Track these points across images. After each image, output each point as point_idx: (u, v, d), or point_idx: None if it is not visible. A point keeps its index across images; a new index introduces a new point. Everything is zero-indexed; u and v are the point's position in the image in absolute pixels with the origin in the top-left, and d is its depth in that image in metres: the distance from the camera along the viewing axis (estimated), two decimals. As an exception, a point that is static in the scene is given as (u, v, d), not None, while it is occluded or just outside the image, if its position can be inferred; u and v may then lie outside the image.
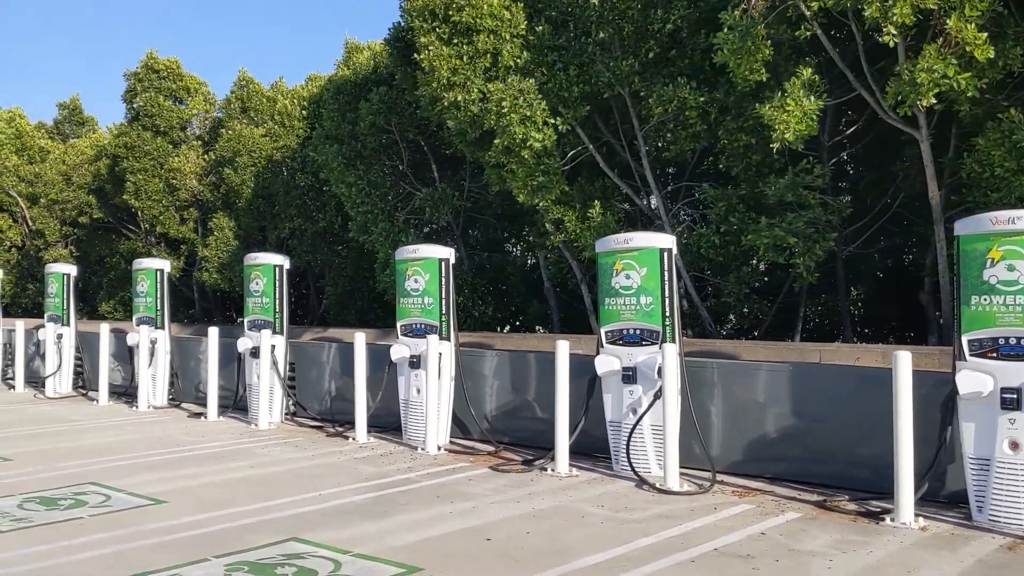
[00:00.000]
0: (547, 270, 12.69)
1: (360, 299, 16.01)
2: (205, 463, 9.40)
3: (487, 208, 13.57)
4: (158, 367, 14.43)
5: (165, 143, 17.96)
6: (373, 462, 9.48)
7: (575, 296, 12.71)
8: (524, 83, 9.56)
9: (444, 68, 9.62)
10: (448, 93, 9.79)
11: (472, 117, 10.03)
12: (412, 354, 10.67)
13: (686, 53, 9.74)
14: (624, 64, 9.66)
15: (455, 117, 10.09)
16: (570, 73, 9.90)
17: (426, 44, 9.76)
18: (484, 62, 9.79)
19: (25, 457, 9.70)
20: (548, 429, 10.18)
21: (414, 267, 10.67)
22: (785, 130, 7.89)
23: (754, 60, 7.88)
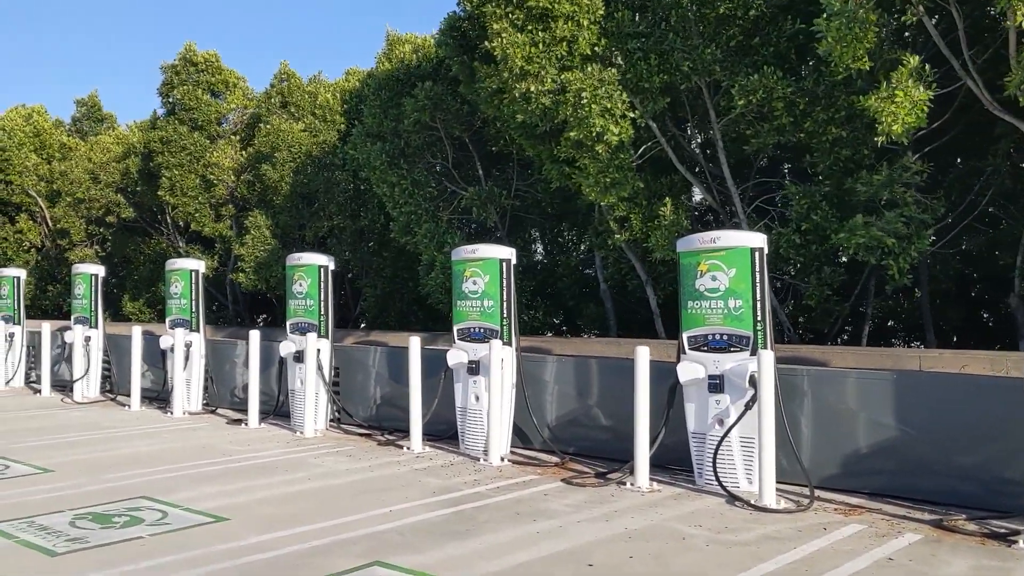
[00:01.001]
0: (604, 271, 12.16)
1: (400, 301, 15.50)
2: (258, 475, 8.90)
3: (535, 207, 13.05)
4: (193, 371, 13.94)
5: (202, 138, 17.45)
6: (436, 474, 8.97)
7: (635, 298, 12.19)
8: (605, 72, 9.02)
9: (518, 56, 9.09)
10: (520, 83, 9.26)
11: (543, 109, 9.48)
12: (470, 359, 10.16)
13: (770, 40, 9.19)
14: (706, 52, 9.12)
15: (524, 110, 9.56)
16: (651, 62, 9.35)
17: (498, 31, 9.22)
18: (560, 50, 9.25)
19: (67, 468, 9.21)
20: (615, 439, 9.72)
21: (473, 268, 10.15)
22: (892, 122, 7.36)
23: (858, 47, 7.35)
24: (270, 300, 20.49)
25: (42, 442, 10.88)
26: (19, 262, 23.30)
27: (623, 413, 9.55)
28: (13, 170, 22.99)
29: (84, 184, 19.28)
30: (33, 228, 23.68)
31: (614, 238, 10.72)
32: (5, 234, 23.56)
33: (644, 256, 10.95)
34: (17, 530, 6.81)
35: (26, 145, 23.43)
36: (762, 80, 8.74)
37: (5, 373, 17.50)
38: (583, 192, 10.13)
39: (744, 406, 7.93)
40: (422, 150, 12.79)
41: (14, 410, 14.05)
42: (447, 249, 12.61)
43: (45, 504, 7.62)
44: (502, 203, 12.62)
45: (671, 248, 9.93)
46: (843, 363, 8.66)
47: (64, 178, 19.76)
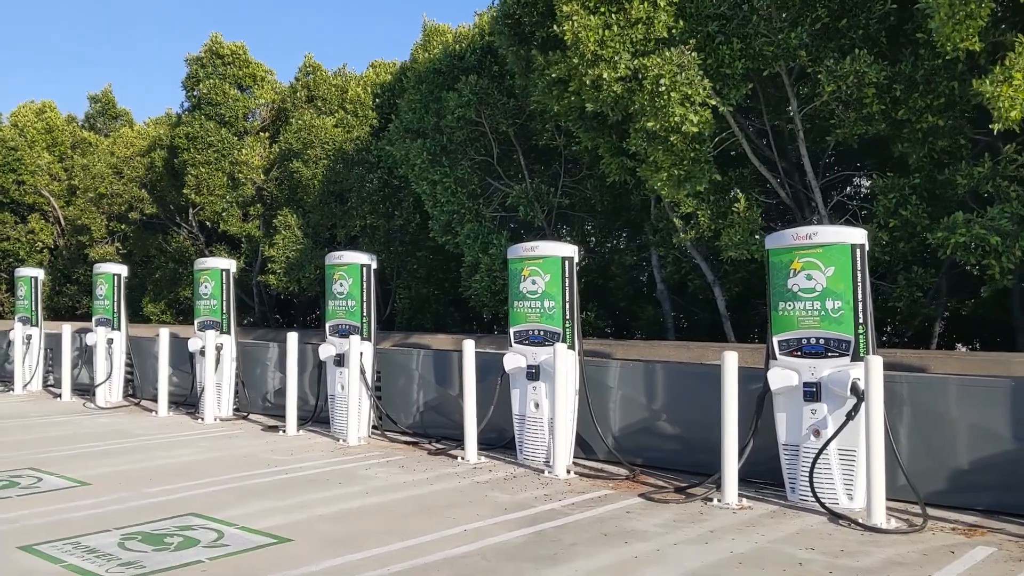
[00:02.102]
0: (662, 271, 11.54)
1: (436, 303, 14.89)
2: (310, 488, 8.30)
3: (583, 204, 12.44)
4: (223, 375, 13.35)
5: (230, 134, 16.81)
6: (500, 487, 8.37)
7: (695, 299, 11.58)
8: (684, 57, 8.41)
9: (590, 40, 8.47)
10: (591, 70, 8.64)
11: (615, 98, 8.86)
12: (529, 364, 9.56)
13: (859, 23, 8.57)
14: (792, 36, 8.50)
15: (594, 98, 8.94)
16: (733, 46, 8.73)
17: (569, 13, 8.59)
18: (635, 33, 8.64)
19: (104, 480, 8.62)
20: (685, 449, 9.13)
21: (532, 267, 9.55)
22: (1010, 108, 6.75)
23: (971, 26, 6.74)
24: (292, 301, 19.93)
25: (72, 451, 10.30)
26: (31, 263, 22.73)
27: (696, 422, 8.98)
28: (25, 169, 22.42)
29: (107, 179, 18.62)
30: (46, 228, 23.11)
31: (679, 236, 10.09)
32: (17, 234, 23.00)
33: (710, 255, 10.34)
34: (63, 553, 6.22)
35: (38, 143, 22.86)
36: (853, 64, 8.12)
37: (23, 377, 16.89)
38: (654, 187, 9.51)
39: (845, 416, 7.32)
40: (464, 146, 12.19)
41: (36, 416, 13.47)
42: (492, 250, 12.03)
43: (88, 522, 7.04)
44: (550, 201, 12.00)
45: (744, 246, 9.35)
46: (944, 368, 8.06)
47: (86, 172, 19.09)
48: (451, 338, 12.89)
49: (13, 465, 9.38)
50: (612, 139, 9.86)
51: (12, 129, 22.78)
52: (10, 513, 7.34)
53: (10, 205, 23.02)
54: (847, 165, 10.40)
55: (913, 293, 9.10)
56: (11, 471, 9.05)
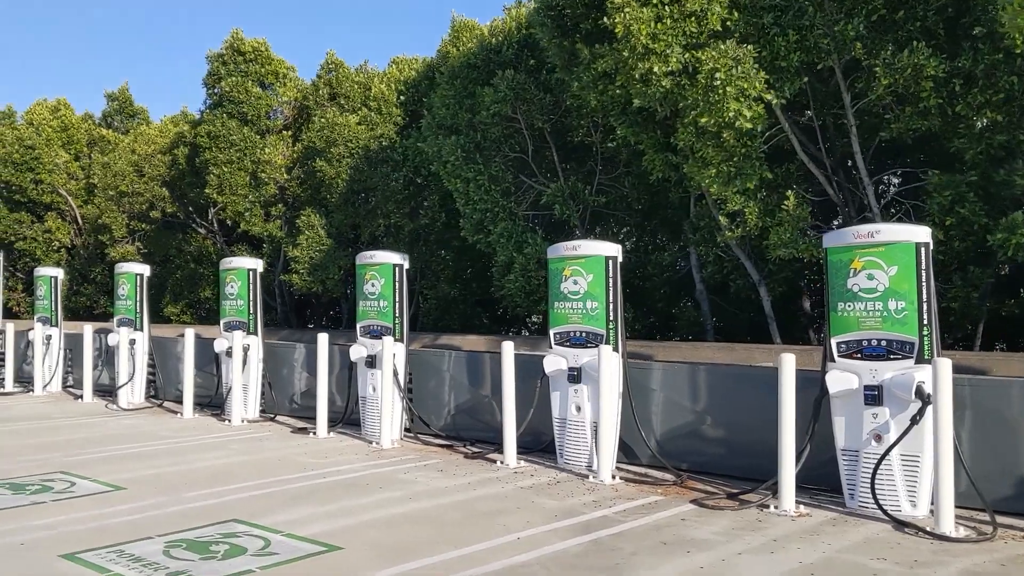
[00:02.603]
0: (702, 271, 11.30)
1: (462, 304, 14.67)
2: (351, 493, 8.09)
3: (619, 202, 12.21)
4: (250, 376, 13.16)
5: (252, 132, 16.58)
6: (545, 493, 8.15)
7: (735, 300, 11.33)
8: (740, 50, 8.17)
9: (642, 32, 8.24)
10: (642, 63, 8.40)
11: (664, 93, 8.63)
12: (571, 366, 9.35)
13: (916, 14, 8.33)
14: (848, 27, 8.26)
15: (643, 93, 8.71)
16: (788, 38, 8.49)
17: (620, 5, 8.34)
18: (688, 25, 8.40)
19: (139, 484, 8.43)
20: (731, 453, 8.90)
21: (573, 267, 9.34)
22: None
23: (1043, 14, 6.51)
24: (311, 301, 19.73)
25: (102, 454, 10.12)
26: (48, 262, 22.60)
27: (743, 425, 8.76)
28: (43, 168, 22.25)
29: (128, 177, 18.42)
30: (63, 227, 22.94)
31: (724, 235, 9.85)
32: (34, 234, 22.84)
33: (755, 254, 10.09)
34: (108, 562, 6.03)
35: (55, 141, 22.69)
36: (912, 57, 7.88)
37: (43, 377, 16.72)
38: (702, 184, 9.27)
39: (910, 421, 7.08)
40: (499, 143, 11.96)
41: (60, 418, 13.30)
42: (527, 249, 11.81)
43: (129, 529, 6.84)
44: (585, 199, 11.77)
45: (794, 245, 9.11)
46: (1006, 371, 7.82)
47: (106, 170, 18.87)
48: (482, 339, 12.69)
49: (44, 468, 9.19)
50: (656, 135, 9.64)
51: (28, 127, 22.62)
52: (47, 519, 7.15)
53: (27, 204, 22.87)
54: (894, 162, 10.15)
55: (969, 294, 8.86)
56: (43, 475, 8.87)
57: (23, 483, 8.47)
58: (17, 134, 22.44)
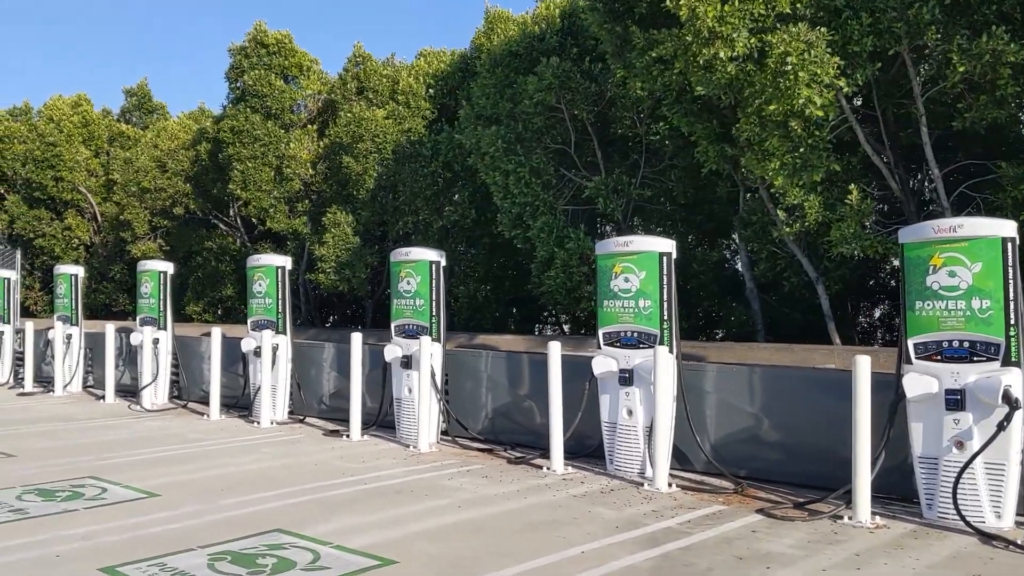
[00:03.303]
0: (751, 268, 10.89)
1: (495, 302, 14.30)
2: (397, 501, 7.73)
3: (664, 196, 11.81)
4: (279, 377, 12.82)
5: (276, 127, 16.22)
6: (599, 502, 7.78)
7: (787, 298, 10.91)
8: (813, 33, 7.76)
9: (709, 15, 7.83)
10: (707, 48, 8.00)
11: (728, 79, 8.22)
12: (621, 368, 8.96)
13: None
14: (924, 10, 7.85)
15: (706, 80, 8.30)
16: (862, 21, 8.07)
17: (685, -13, 7.96)
18: (756, 7, 8.00)
19: (174, 491, 8.09)
20: (792, 460, 8.50)
21: (624, 263, 8.95)
22: None
23: None
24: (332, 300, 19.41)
25: (130, 458, 9.79)
26: (67, 260, 22.35)
27: (804, 430, 8.36)
28: (64, 165, 22.00)
29: (151, 173, 18.09)
30: (82, 224, 22.69)
31: (781, 230, 9.44)
32: (53, 231, 22.59)
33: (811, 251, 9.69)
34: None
35: (75, 137, 22.44)
36: (990, 43, 7.47)
37: (63, 377, 16.42)
38: (765, 176, 8.86)
39: (996, 427, 6.67)
40: (541, 134, 11.58)
41: (83, 419, 12.99)
42: (569, 244, 11.44)
43: (168, 539, 6.51)
44: (629, 192, 11.38)
45: (857, 241, 8.70)
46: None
47: (129, 166, 18.56)
48: (520, 339, 12.34)
49: (72, 473, 8.87)
50: (712, 125, 9.24)
51: (49, 123, 22.37)
52: (81, 528, 6.82)
53: (46, 201, 22.64)
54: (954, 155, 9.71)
55: (1046, 292, 8.42)
56: (72, 480, 8.54)
57: (53, 489, 8.15)
58: (38, 130, 22.21)
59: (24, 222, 22.38)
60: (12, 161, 23.65)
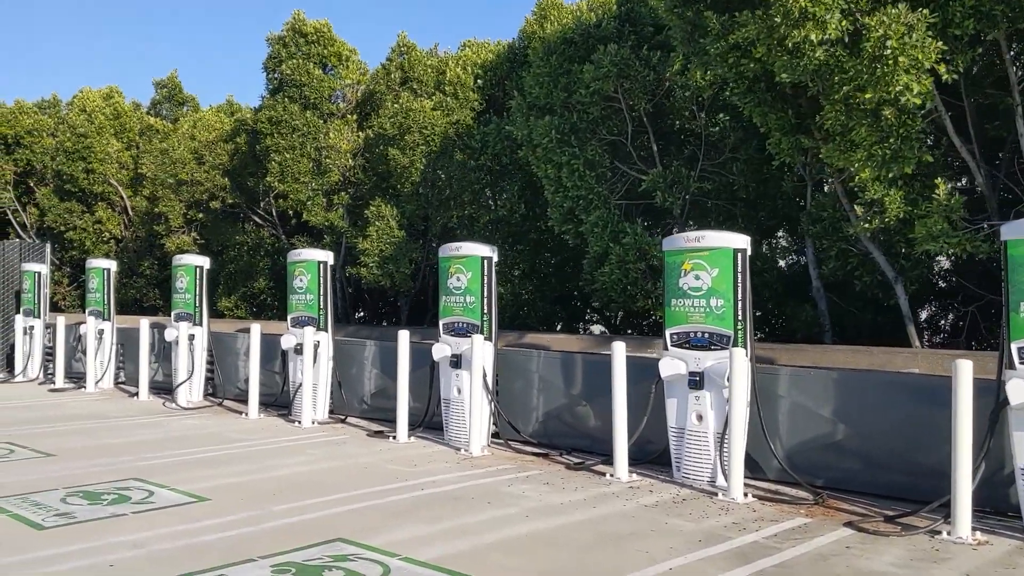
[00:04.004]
0: (819, 267, 10.43)
1: (541, 300, 13.90)
2: (459, 509, 7.36)
3: (724, 191, 11.36)
4: (320, 375, 12.48)
5: (315, 117, 15.87)
6: (674, 512, 7.37)
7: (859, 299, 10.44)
8: (913, 15, 7.31)
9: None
10: (796, 31, 7.56)
11: (816, 65, 7.76)
12: (691, 370, 8.54)
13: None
14: (1030, -11, 7.39)
15: (792, 66, 7.85)
16: (964, 2, 7.59)
17: (775, -36, 7.51)
18: (851, -15, 7.56)
19: (223, 495, 7.75)
20: (871, 469, 8.07)
21: (695, 260, 8.53)
22: None
23: None
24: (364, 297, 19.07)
25: (173, 458, 9.46)
26: (98, 253, 22.14)
27: (887, 438, 7.91)
28: (95, 157, 21.78)
29: (188, 165, 17.78)
30: (113, 217, 22.47)
31: (858, 226, 8.97)
32: (84, 224, 22.38)
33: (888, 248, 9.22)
34: (212, 589, 5.31)
35: (107, 129, 22.22)
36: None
37: (95, 373, 16.16)
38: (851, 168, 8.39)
39: (1115, 439, 6.20)
40: (596, 125, 11.17)
41: (119, 417, 12.70)
42: (626, 239, 11.02)
43: (225, 549, 6.16)
44: (688, 186, 10.95)
45: (945, 238, 8.24)
46: None
47: (165, 157, 18.26)
48: (572, 338, 11.94)
49: (116, 474, 8.55)
50: (787, 115, 8.79)
51: (80, 115, 22.16)
52: (131, 535, 6.49)
53: (77, 194, 22.43)
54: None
55: None
56: (117, 482, 8.22)
57: (98, 491, 7.83)
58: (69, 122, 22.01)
59: (55, 215, 22.18)
60: (41, 155, 23.49)
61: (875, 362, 8.95)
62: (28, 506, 7.26)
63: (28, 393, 15.59)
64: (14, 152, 23.60)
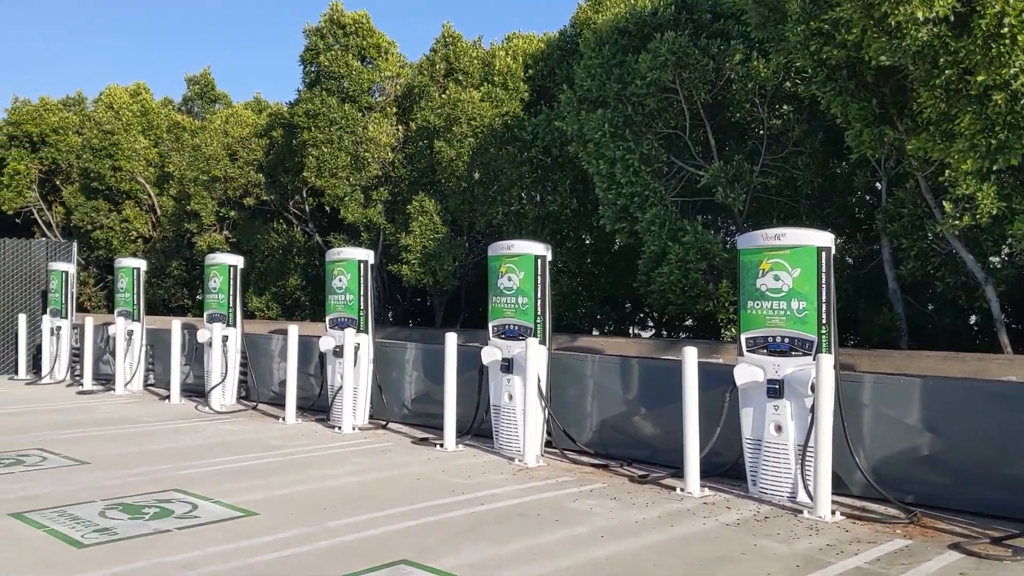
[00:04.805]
0: (896, 267, 9.84)
1: (588, 300, 13.36)
2: (524, 527, 6.84)
3: (787, 186, 10.78)
4: (360, 379, 11.98)
5: (353, 110, 15.38)
6: (759, 532, 6.83)
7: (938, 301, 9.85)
8: None
9: (908, -34, 6.81)
10: (902, 7, 6.99)
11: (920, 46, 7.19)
12: (770, 378, 7.98)
13: None
14: None
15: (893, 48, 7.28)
16: None
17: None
18: (957, -45, 6.99)
19: (272, 509, 7.27)
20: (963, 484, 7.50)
21: (775, 259, 7.97)
22: None
23: None
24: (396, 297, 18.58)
25: (214, 467, 9.00)
26: (125, 253, 21.78)
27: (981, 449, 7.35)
28: (122, 155, 21.42)
29: (222, 161, 17.34)
30: (140, 216, 22.10)
31: (946, 223, 8.37)
32: (111, 223, 22.01)
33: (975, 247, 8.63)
34: (275, 621, 4.81)
35: (134, 126, 21.86)
36: None
37: (124, 375, 15.75)
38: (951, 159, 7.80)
39: None
40: (653, 117, 10.62)
41: (152, 421, 12.26)
42: (686, 237, 10.48)
43: (285, 571, 5.66)
44: (751, 181, 10.38)
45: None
46: None
47: (198, 153, 17.83)
48: (628, 342, 11.44)
49: (155, 485, 8.09)
50: (870, 105, 8.22)
51: (107, 111, 21.81)
52: (179, 554, 6.01)
53: (104, 192, 22.08)
54: None
55: None
56: (157, 494, 7.75)
57: (138, 504, 7.36)
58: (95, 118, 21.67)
59: (82, 213, 21.83)
60: (67, 153, 23.17)
61: (967, 369, 8.37)
62: (66, 520, 6.80)
63: (56, 396, 15.21)
64: (40, 150, 23.30)
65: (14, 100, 23.89)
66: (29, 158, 23.38)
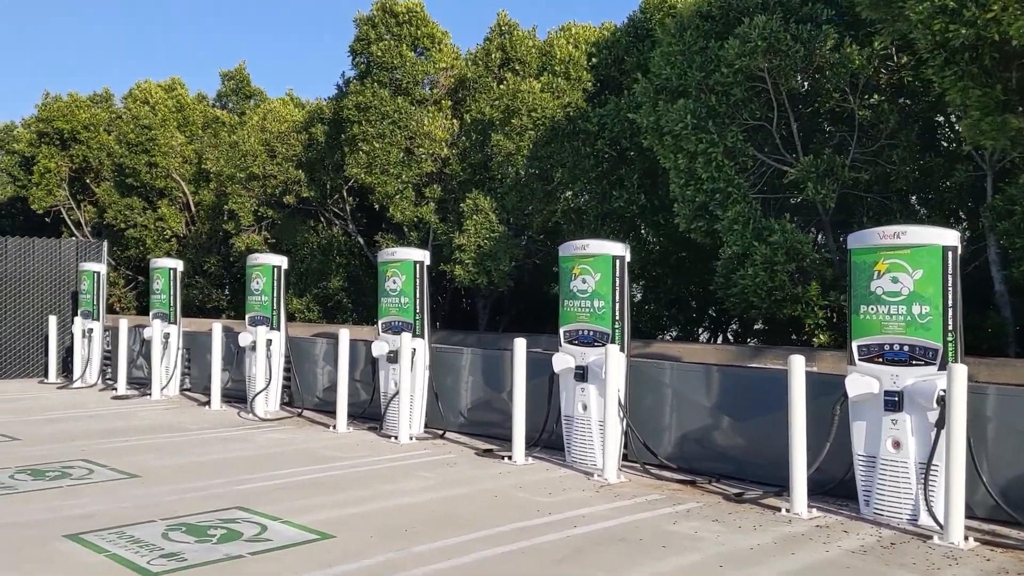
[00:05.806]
0: (1005, 268, 9.17)
1: (654, 302, 12.74)
2: (630, 555, 6.25)
3: (879, 182, 10.13)
4: (416, 386, 11.40)
5: (407, 103, 14.81)
6: (890, 561, 6.25)
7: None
8: None
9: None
10: None
11: None
12: (887, 389, 7.35)
13: None
14: None
15: None
16: None
17: None
18: None
19: (350, 532, 6.71)
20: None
21: (892, 260, 7.34)
22: None
23: None
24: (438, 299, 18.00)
25: (274, 481, 8.47)
26: (159, 252, 21.33)
27: None
28: (158, 151, 20.98)
29: (260, 158, 16.81)
30: (175, 215, 21.63)
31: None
32: (145, 221, 21.57)
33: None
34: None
35: (170, 122, 21.42)
36: None
37: (160, 380, 15.27)
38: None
39: None
40: (738, 108, 10.00)
41: (195, 430, 11.75)
42: (774, 237, 9.85)
43: (379, 608, 5.08)
44: (843, 176, 9.73)
45: None
46: None
47: (235, 150, 17.32)
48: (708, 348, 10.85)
49: (215, 502, 7.54)
50: (994, 91, 7.57)
51: (143, 106, 21.38)
52: (257, 584, 5.44)
53: (138, 189, 21.64)
54: None
55: None
56: (219, 512, 7.21)
57: (201, 524, 6.82)
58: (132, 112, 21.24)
59: (116, 211, 21.40)
60: (98, 151, 22.78)
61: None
62: (127, 543, 6.26)
63: (91, 401, 14.75)
64: (70, 148, 22.92)
65: (45, 96, 23.46)
66: (59, 156, 23.00)
